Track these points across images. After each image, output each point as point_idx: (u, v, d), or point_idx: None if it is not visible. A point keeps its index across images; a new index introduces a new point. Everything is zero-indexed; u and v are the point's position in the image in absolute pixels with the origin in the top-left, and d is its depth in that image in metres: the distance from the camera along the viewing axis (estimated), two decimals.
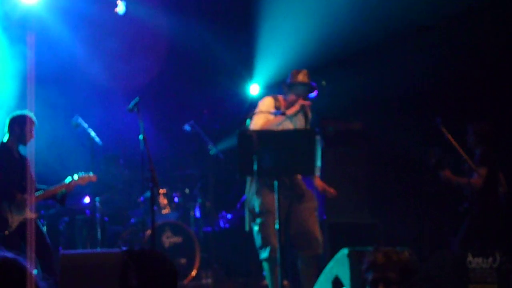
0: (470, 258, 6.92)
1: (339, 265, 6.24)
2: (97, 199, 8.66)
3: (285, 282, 6.78)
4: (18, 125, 7.60)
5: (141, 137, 7.47)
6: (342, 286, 6.09)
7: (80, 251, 7.78)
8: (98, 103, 10.03)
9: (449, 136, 8.37)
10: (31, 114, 7.66)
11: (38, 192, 7.56)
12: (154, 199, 8.41)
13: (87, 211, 9.08)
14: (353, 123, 10.22)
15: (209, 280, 8.73)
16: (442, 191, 9.30)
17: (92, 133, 8.36)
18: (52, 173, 8.29)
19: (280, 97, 7.31)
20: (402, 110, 10.60)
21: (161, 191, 9.26)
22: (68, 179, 7.64)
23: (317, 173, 7.34)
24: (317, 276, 6.60)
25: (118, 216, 9.48)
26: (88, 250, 8.16)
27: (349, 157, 9.93)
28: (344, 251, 6.34)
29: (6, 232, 7.16)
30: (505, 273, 6.70)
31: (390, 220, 10.05)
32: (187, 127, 9.37)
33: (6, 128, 7.62)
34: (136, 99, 7.69)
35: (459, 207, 8.41)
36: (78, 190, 8.33)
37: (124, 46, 9.95)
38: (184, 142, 10.41)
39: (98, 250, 7.94)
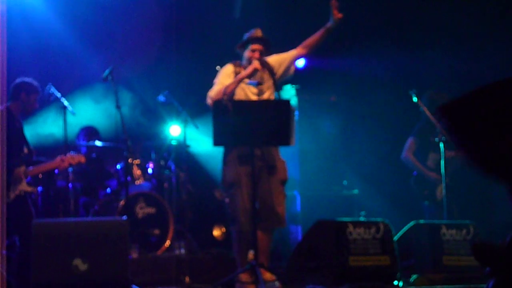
0: (444, 230, 6.96)
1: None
2: (70, 169, 8.52)
3: (250, 253, 6.74)
4: (26, 92, 7.33)
5: (115, 106, 7.46)
6: None
7: (52, 219, 7.69)
8: (73, 73, 9.90)
9: (425, 108, 8.40)
10: (37, 83, 7.46)
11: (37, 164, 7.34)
12: (128, 169, 8.41)
13: (60, 181, 8.98)
14: (328, 96, 10.22)
15: (183, 251, 8.69)
16: None
17: (66, 103, 8.21)
18: None
19: (240, 63, 7.17)
20: (376, 83, 10.64)
21: (135, 161, 9.20)
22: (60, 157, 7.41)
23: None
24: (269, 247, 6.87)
25: (91, 187, 9.40)
26: (61, 219, 8.07)
27: (325, 129, 9.96)
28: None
29: None
30: None
31: (367, 192, 10.09)
32: (161, 98, 9.28)
33: (10, 94, 7.35)
34: (110, 68, 7.65)
35: None
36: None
37: (99, 16, 9.84)
38: (159, 113, 10.31)
39: (71, 219, 7.86)
